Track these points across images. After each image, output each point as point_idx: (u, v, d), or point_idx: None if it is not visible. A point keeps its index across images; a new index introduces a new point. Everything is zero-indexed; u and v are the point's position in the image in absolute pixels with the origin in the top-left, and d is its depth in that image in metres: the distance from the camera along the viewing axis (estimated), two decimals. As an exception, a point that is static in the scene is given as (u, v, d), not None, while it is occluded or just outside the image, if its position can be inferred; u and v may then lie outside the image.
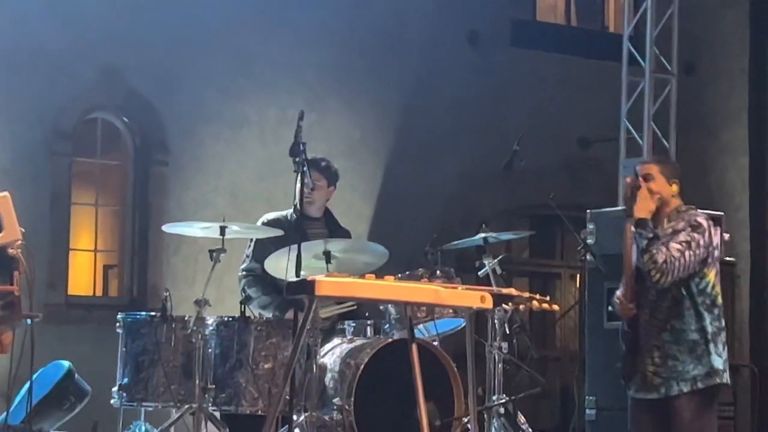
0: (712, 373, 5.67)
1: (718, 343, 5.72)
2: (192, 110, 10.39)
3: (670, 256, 5.61)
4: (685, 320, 5.70)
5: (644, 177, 5.81)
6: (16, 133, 9.64)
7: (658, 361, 5.69)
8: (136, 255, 10.30)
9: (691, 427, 5.63)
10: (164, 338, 7.07)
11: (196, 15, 10.34)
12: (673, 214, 5.83)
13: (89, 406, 7.55)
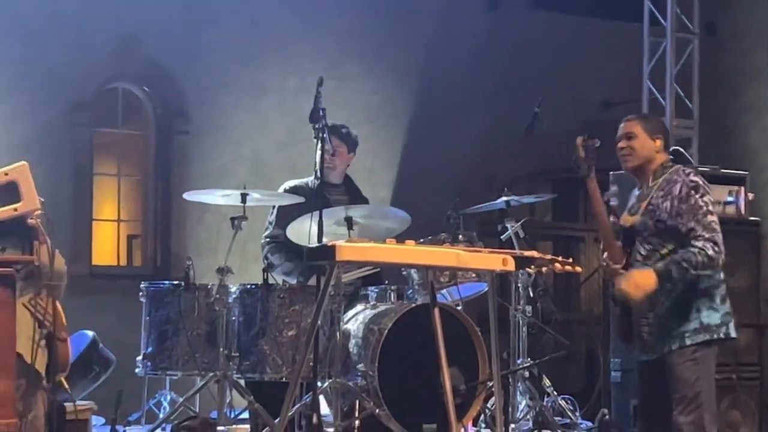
0: (702, 329, 5.60)
1: (715, 298, 5.66)
2: (212, 79, 10.37)
3: (710, 241, 5.54)
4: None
5: (627, 135, 5.78)
6: (37, 104, 9.64)
7: (651, 320, 5.66)
8: (158, 224, 10.31)
9: (683, 384, 5.59)
10: (188, 307, 7.09)
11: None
12: (659, 171, 5.78)
13: (114, 375, 7.57)
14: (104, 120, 10.25)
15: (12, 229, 3.95)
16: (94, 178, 10.13)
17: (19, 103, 9.59)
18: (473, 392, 7.12)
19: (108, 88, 10.21)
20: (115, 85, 10.27)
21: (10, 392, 3.80)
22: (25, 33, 9.60)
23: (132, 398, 7.48)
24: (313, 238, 6.75)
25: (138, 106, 10.44)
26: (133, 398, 7.50)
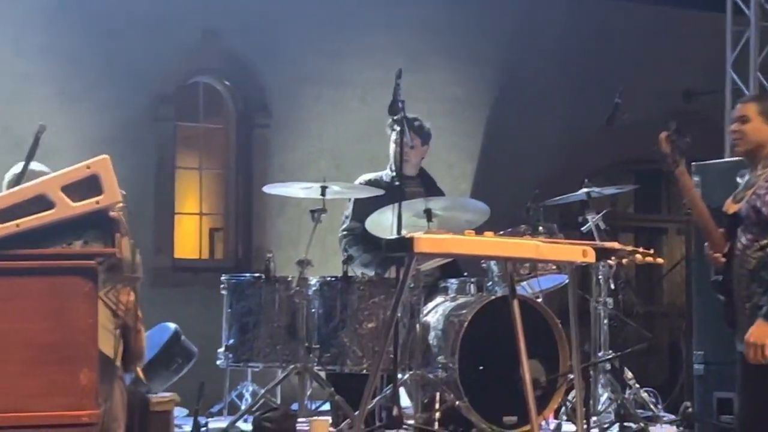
0: None
1: None
2: (292, 72, 10.41)
3: None
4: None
5: (740, 119, 5.58)
6: (119, 99, 9.74)
7: (748, 312, 5.52)
8: (240, 217, 10.38)
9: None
10: (268, 299, 7.13)
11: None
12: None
13: (196, 367, 7.63)
14: (186, 114, 10.33)
15: (94, 221, 3.98)
16: (177, 172, 10.21)
17: (102, 99, 9.70)
18: (554, 385, 7.09)
19: (190, 82, 10.29)
20: (197, 79, 10.35)
21: (93, 384, 3.84)
22: (107, 29, 9.70)
23: (214, 390, 7.53)
24: (392, 230, 6.75)
25: (219, 100, 10.51)
26: (215, 390, 7.56)
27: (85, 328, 3.87)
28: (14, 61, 9.44)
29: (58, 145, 8.89)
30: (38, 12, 9.53)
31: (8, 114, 9.34)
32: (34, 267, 3.83)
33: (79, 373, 3.84)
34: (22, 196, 3.87)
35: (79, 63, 9.62)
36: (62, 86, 9.57)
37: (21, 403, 3.78)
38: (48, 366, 3.81)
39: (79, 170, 3.94)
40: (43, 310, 3.83)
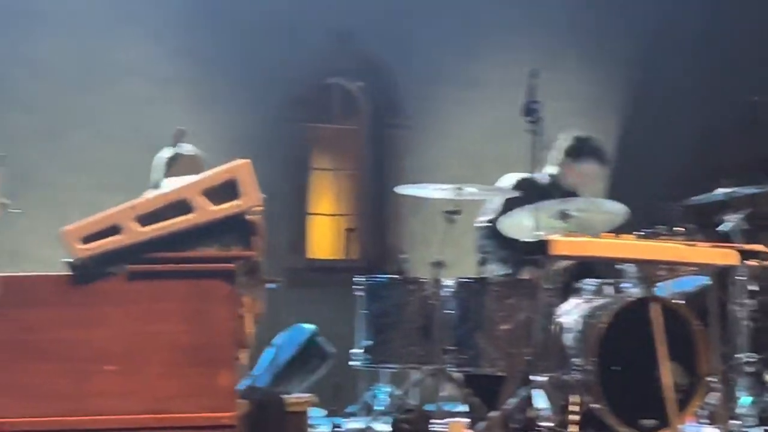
0: None
1: None
2: (425, 72, 10.41)
3: None
4: None
5: None
6: (255, 101, 9.84)
7: None
8: (373, 218, 10.41)
9: None
10: (403, 300, 7.12)
11: (427, -24, 10.37)
12: None
13: (332, 367, 7.66)
14: (321, 115, 10.39)
15: (234, 225, 4.02)
16: (311, 173, 10.28)
17: (238, 101, 9.81)
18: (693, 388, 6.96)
19: (324, 83, 10.35)
20: (331, 80, 10.40)
21: (232, 386, 3.88)
22: (243, 31, 9.81)
23: (350, 391, 7.56)
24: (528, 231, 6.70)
25: (353, 100, 10.55)
26: (350, 391, 7.58)
27: (224, 330, 3.92)
28: (152, 63, 9.60)
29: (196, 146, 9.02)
30: (176, 15, 9.67)
31: (146, 117, 9.50)
32: (175, 270, 3.88)
33: (218, 375, 3.88)
34: (165, 200, 3.92)
35: (215, 65, 9.74)
36: (199, 89, 9.70)
37: (162, 405, 3.84)
38: (188, 368, 3.86)
39: (219, 174, 3.98)
40: (184, 312, 3.88)
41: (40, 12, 9.30)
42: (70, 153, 9.34)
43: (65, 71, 9.36)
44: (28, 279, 3.87)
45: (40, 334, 3.78)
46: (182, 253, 3.91)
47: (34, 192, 9.14)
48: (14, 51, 9.23)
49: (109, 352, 3.81)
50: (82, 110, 9.39)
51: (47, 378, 3.76)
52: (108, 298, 3.84)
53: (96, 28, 9.46)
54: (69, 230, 3.86)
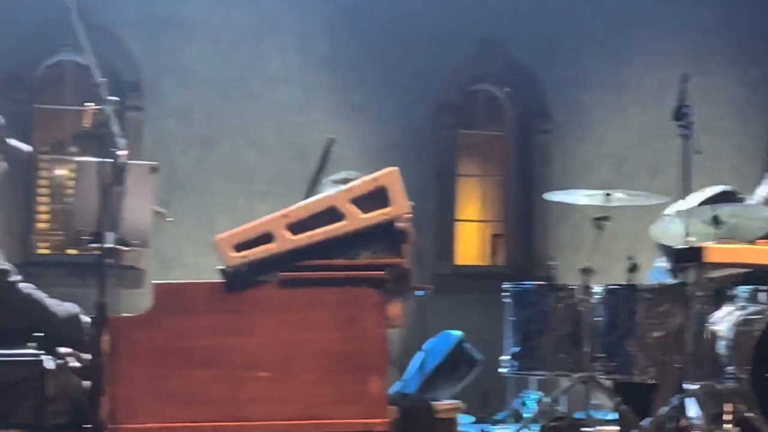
0: None
1: None
2: (572, 77, 10.34)
3: None
4: None
5: None
6: (401, 108, 9.88)
7: None
8: (521, 224, 10.36)
9: None
10: (551, 307, 7.09)
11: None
12: None
13: (480, 374, 7.65)
14: (467, 121, 10.39)
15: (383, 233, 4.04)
16: (458, 179, 10.28)
17: (384, 108, 9.86)
18: None
19: (470, 90, 10.35)
20: (477, 86, 10.39)
21: (383, 392, 3.90)
22: (389, 39, 9.86)
23: (498, 397, 7.54)
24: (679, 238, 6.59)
25: (499, 106, 10.53)
26: (499, 397, 7.57)
27: (374, 337, 3.93)
28: (300, 72, 9.70)
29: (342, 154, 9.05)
30: (323, 23, 9.77)
31: (294, 124, 9.61)
32: (327, 278, 3.91)
33: (369, 381, 3.90)
34: (315, 208, 3.95)
35: (362, 73, 9.81)
36: (345, 96, 9.78)
37: (314, 411, 3.87)
38: (339, 375, 3.89)
39: (368, 183, 4.00)
40: (335, 319, 3.91)
41: (190, 22, 9.47)
42: (220, 161, 9.49)
43: (215, 80, 9.52)
44: (183, 286, 3.94)
45: (195, 340, 3.84)
46: (333, 261, 3.94)
47: (185, 199, 9.30)
48: (165, 61, 9.41)
49: (262, 358, 3.85)
50: (232, 119, 9.54)
51: (203, 384, 3.82)
52: (261, 306, 3.89)
53: (244, 37, 9.60)
54: (222, 238, 3.91)
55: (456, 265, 10.12)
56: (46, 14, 8.77)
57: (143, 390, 3.81)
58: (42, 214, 10.09)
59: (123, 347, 3.80)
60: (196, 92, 9.48)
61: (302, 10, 9.74)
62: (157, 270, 8.99)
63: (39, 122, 9.46)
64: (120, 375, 3.79)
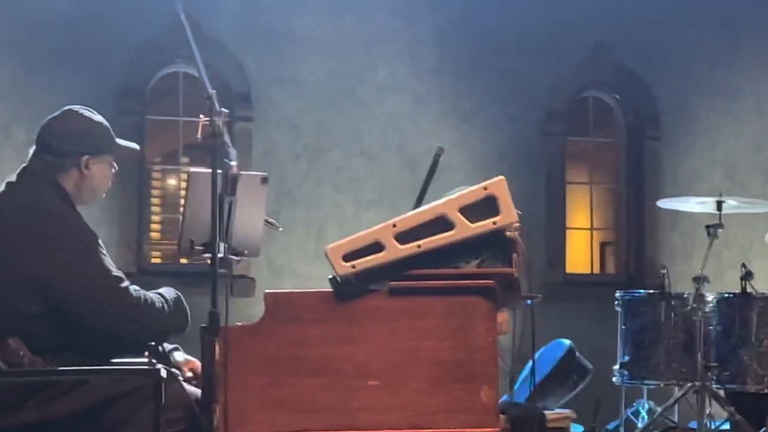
0: None
1: None
2: (683, 83, 10.22)
3: None
4: None
5: None
6: (510, 116, 9.86)
7: None
8: (631, 232, 10.27)
9: None
10: (664, 316, 7.03)
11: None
12: None
13: (591, 383, 7.59)
14: (576, 129, 10.33)
15: (491, 242, 4.03)
16: (567, 187, 10.22)
17: (493, 116, 9.85)
18: None
19: (580, 97, 10.29)
20: (587, 93, 10.33)
21: (494, 402, 3.89)
22: (498, 47, 9.85)
23: (610, 407, 7.48)
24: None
25: (609, 113, 10.46)
26: (610, 407, 7.51)
27: (484, 346, 3.93)
28: (409, 80, 9.73)
29: (451, 162, 9.11)
30: (431, 32, 9.79)
31: (403, 133, 9.64)
32: (437, 286, 3.91)
33: (480, 390, 3.89)
34: (424, 217, 3.96)
35: (470, 81, 9.81)
36: (454, 105, 9.79)
37: (425, 420, 3.87)
38: (450, 384, 3.89)
39: (476, 192, 4.00)
40: (445, 328, 3.91)
41: (299, 33, 9.56)
42: (329, 170, 9.56)
43: (324, 90, 9.59)
44: (294, 295, 3.96)
45: (306, 349, 3.87)
46: (442, 270, 3.94)
47: (294, 209, 9.38)
48: (274, 71, 9.51)
49: (372, 367, 3.86)
50: (341, 128, 9.59)
51: (314, 393, 3.84)
52: (371, 315, 3.90)
53: (353, 47, 9.66)
54: (332, 248, 3.93)
55: (567, 273, 10.06)
56: (159, 27, 8.91)
57: (255, 398, 3.85)
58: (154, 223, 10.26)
59: (235, 356, 3.83)
60: (306, 102, 9.55)
61: (411, 20, 9.77)
62: (267, 279, 9.08)
63: (151, 133, 9.61)
64: (232, 384, 3.82)
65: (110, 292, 4.08)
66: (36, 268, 4.07)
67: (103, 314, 4.06)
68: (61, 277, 4.07)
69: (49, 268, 4.07)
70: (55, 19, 9.03)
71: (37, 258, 4.07)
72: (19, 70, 8.96)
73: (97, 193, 4.45)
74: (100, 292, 4.07)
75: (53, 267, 4.07)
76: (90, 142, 4.36)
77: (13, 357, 3.99)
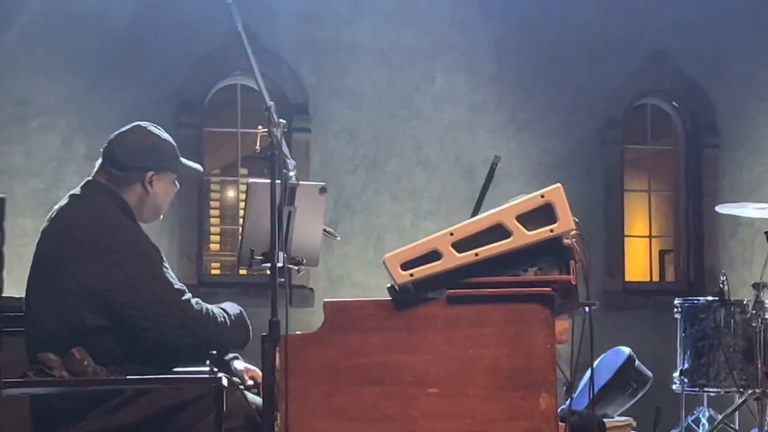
0: None
1: None
2: (742, 90, 10.17)
3: None
4: None
5: None
6: (568, 125, 9.85)
7: None
8: (690, 239, 10.22)
9: None
10: (723, 323, 7.00)
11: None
12: None
13: (651, 391, 7.56)
14: (634, 136, 10.31)
15: (548, 249, 4.04)
16: (625, 195, 10.19)
17: (551, 125, 9.84)
18: None
19: (637, 104, 10.27)
20: (645, 101, 10.30)
21: (553, 409, 3.90)
22: (555, 54, 9.85)
23: (670, 414, 7.46)
24: None
25: (667, 121, 10.42)
26: (671, 414, 7.48)
27: (542, 353, 3.93)
28: (467, 90, 9.75)
29: (509, 171, 9.13)
30: (489, 41, 9.80)
31: (461, 142, 9.66)
32: (494, 294, 3.93)
33: (539, 398, 3.90)
34: (481, 225, 3.98)
35: (528, 90, 9.81)
36: (512, 114, 9.79)
37: (484, 427, 3.88)
38: (508, 391, 3.90)
39: (534, 199, 4.01)
40: (503, 336, 3.92)
41: (356, 44, 9.60)
42: (387, 180, 9.58)
43: (381, 101, 9.62)
44: (353, 304, 3.99)
45: (366, 358, 3.89)
46: (501, 278, 3.96)
47: (353, 219, 9.42)
48: (333, 83, 9.55)
49: (431, 375, 3.88)
50: (398, 139, 9.62)
51: (374, 401, 3.87)
52: (429, 323, 3.92)
53: (411, 58, 9.69)
54: (391, 256, 3.96)
55: (626, 281, 10.03)
56: (217, 41, 8.99)
57: (315, 407, 3.88)
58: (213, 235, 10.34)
59: (295, 365, 3.87)
60: (363, 113, 9.59)
61: (469, 30, 9.79)
62: (326, 288, 9.13)
63: (209, 145, 9.69)
64: (293, 392, 3.85)
65: (172, 306, 4.12)
66: (99, 282, 4.12)
67: (165, 327, 4.11)
68: (123, 290, 4.11)
69: (111, 282, 4.11)
70: (115, 33, 9.13)
71: (99, 271, 4.12)
72: (79, 84, 9.07)
73: (159, 211, 4.49)
74: (161, 305, 4.11)
75: (115, 281, 4.11)
76: (155, 159, 4.40)
77: (77, 367, 4.05)
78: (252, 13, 8.66)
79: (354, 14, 9.64)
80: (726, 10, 10.11)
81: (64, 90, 9.06)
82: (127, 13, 9.16)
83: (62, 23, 9.05)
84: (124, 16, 9.16)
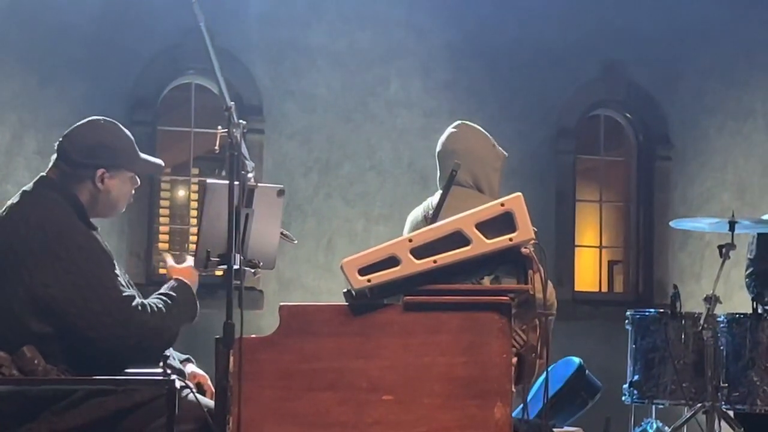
0: None
1: None
2: (694, 103, 10.23)
3: None
4: None
5: None
6: (521, 133, 9.85)
7: None
8: (641, 251, 10.26)
9: None
10: (674, 335, 7.01)
11: (696, 5, 10.17)
12: None
13: (600, 402, 7.59)
14: (587, 146, 10.33)
15: (506, 258, 4.03)
16: (577, 205, 10.22)
17: (504, 133, 9.79)
18: None
19: (590, 115, 10.29)
20: (598, 111, 10.33)
21: (507, 418, 3.88)
22: (510, 63, 9.86)
23: (619, 426, 7.47)
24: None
25: (620, 131, 10.46)
26: (619, 425, 7.49)
27: (499, 363, 3.92)
28: (421, 96, 9.74)
29: (463, 179, 9.09)
30: (444, 48, 9.80)
31: (414, 148, 9.64)
32: (452, 302, 3.91)
33: (494, 407, 3.89)
34: (440, 232, 3.96)
35: (482, 97, 9.81)
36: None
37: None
38: (464, 400, 3.88)
39: (494, 208, 4.00)
40: (459, 344, 3.90)
41: (312, 47, 9.57)
42: (339, 183, 9.56)
43: (336, 104, 9.60)
44: (309, 309, 3.96)
45: (321, 363, 3.86)
46: (458, 285, 3.94)
47: (304, 222, 9.38)
48: (287, 85, 9.52)
49: (386, 382, 3.85)
50: (352, 142, 9.60)
51: (328, 406, 3.83)
52: (385, 329, 3.89)
53: (366, 62, 9.67)
54: (349, 261, 3.92)
55: (575, 291, 10.05)
56: (172, 38, 8.93)
57: (268, 411, 3.84)
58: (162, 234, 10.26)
59: (249, 368, 3.83)
60: (317, 116, 9.56)
61: (425, 36, 9.78)
62: (275, 291, 9.08)
63: (162, 144, 9.62)
64: (245, 396, 3.82)
65: (119, 315, 4.04)
66: (46, 290, 4.02)
67: (113, 337, 4.03)
68: (70, 299, 4.02)
69: (58, 290, 4.03)
70: (69, 29, 9.05)
71: (47, 279, 4.03)
72: (32, 79, 8.98)
73: (115, 208, 4.39)
74: (108, 314, 4.03)
75: (63, 289, 4.03)
76: (107, 156, 4.29)
77: (28, 365, 3.98)
78: (208, 12, 8.55)
79: (311, 17, 9.60)
80: (680, 22, 10.16)
81: (15, 85, 8.96)
82: (82, 8, 9.08)
83: (15, 18, 8.96)
84: (79, 11, 9.08)
